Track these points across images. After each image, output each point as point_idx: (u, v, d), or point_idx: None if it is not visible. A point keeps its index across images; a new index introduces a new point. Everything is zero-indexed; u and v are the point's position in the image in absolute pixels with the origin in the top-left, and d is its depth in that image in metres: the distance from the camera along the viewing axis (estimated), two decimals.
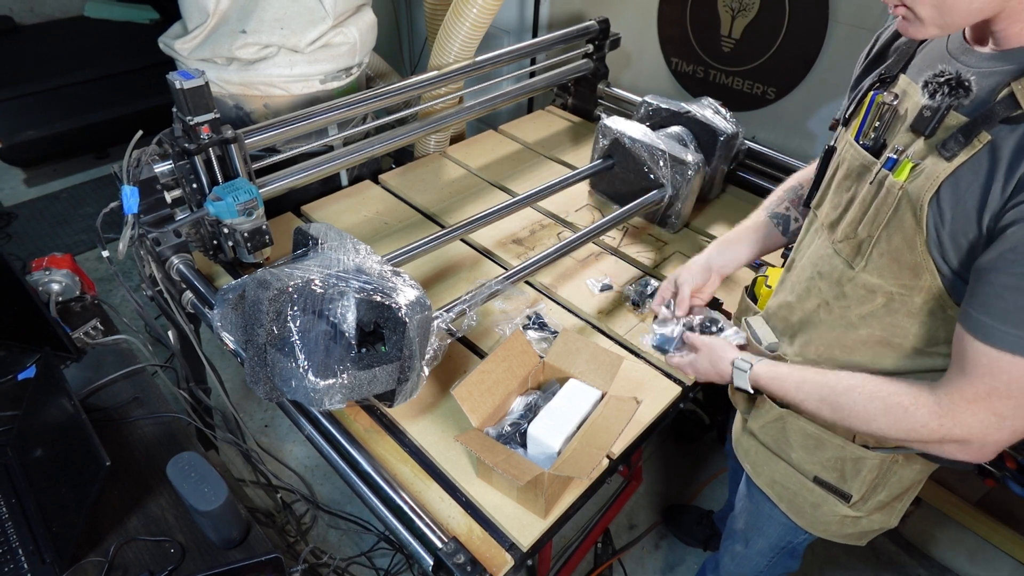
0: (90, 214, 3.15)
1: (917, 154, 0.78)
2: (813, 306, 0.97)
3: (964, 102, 0.74)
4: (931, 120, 0.76)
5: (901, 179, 0.78)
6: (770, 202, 1.24)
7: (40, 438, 1.19)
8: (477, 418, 1.09)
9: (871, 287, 0.86)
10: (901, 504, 1.05)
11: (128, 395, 1.36)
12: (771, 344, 1.06)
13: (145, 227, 1.34)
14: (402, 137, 1.73)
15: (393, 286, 1.06)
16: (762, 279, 1.21)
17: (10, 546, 1.09)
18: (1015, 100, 0.69)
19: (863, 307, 0.89)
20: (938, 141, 0.75)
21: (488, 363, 1.14)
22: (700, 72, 2.26)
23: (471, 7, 1.80)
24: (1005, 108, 0.69)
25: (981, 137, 0.71)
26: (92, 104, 3.25)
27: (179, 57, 1.74)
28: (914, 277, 0.81)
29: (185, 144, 1.29)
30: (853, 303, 0.90)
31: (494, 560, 1.00)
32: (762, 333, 1.08)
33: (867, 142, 0.86)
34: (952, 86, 0.75)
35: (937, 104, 0.76)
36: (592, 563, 1.84)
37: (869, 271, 0.86)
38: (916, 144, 0.79)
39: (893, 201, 0.79)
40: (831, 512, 1.06)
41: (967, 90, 0.74)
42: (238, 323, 1.06)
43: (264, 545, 1.14)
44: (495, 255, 1.63)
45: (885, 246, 0.82)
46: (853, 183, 0.88)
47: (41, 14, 3.84)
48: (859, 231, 0.85)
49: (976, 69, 0.75)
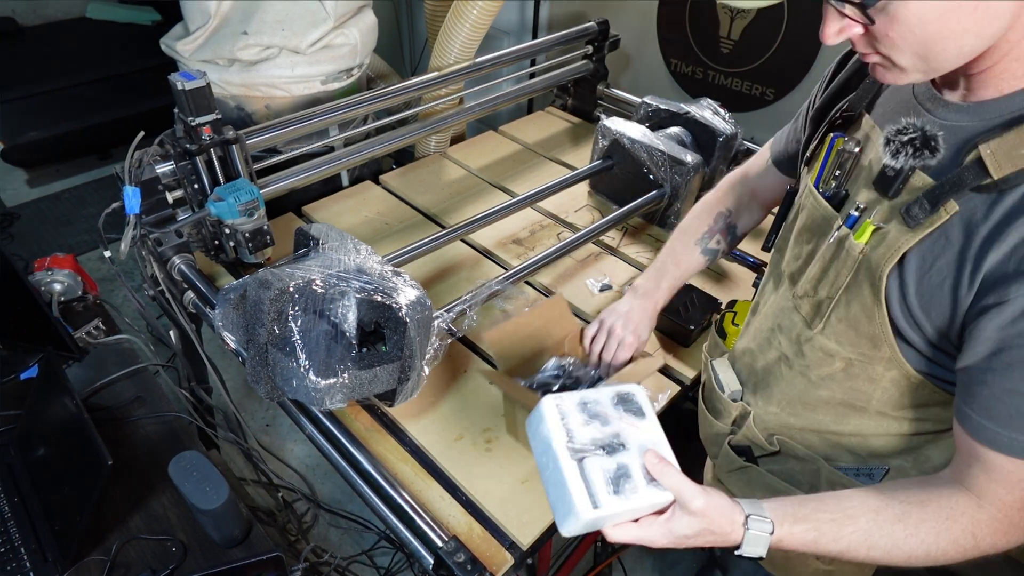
0: (92, 215, 3.16)
1: (880, 215, 0.71)
2: (774, 359, 0.91)
3: (930, 163, 0.66)
4: (894, 180, 0.69)
5: (862, 242, 0.71)
6: (699, 231, 1.16)
7: (43, 437, 1.20)
8: (505, 364, 1.08)
9: (829, 351, 0.81)
10: None
11: (130, 394, 1.36)
12: (734, 393, 1.02)
13: (147, 227, 1.35)
14: (403, 138, 1.74)
15: (394, 286, 1.06)
16: (730, 315, 1.19)
17: (13, 544, 1.10)
18: (984, 166, 0.61)
19: (822, 369, 0.83)
20: (902, 204, 0.68)
21: (524, 317, 1.13)
22: (699, 73, 2.26)
23: (471, 8, 1.80)
24: (974, 175, 0.62)
25: (948, 207, 0.63)
26: (94, 105, 3.26)
27: (181, 58, 1.75)
28: (872, 347, 0.75)
29: (187, 145, 1.29)
30: (812, 364, 0.84)
31: (494, 559, 1.01)
32: (726, 379, 1.03)
33: (827, 191, 0.80)
34: (916, 146, 0.66)
35: (900, 165, 0.68)
36: (592, 562, 1.84)
37: (827, 335, 0.80)
38: (879, 204, 0.72)
39: (853, 265, 0.73)
40: (802, 564, 1.01)
41: (933, 150, 0.66)
42: (239, 323, 1.07)
43: (265, 544, 1.14)
44: (495, 255, 1.63)
45: (844, 312, 0.76)
46: (813, 236, 0.82)
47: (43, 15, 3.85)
48: (819, 290, 0.79)
49: (943, 122, 0.67)
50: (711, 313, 1.38)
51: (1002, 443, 0.63)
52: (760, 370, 0.96)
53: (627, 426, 0.75)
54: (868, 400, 0.81)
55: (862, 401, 0.82)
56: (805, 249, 0.84)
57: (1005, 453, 0.64)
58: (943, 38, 0.58)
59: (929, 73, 0.63)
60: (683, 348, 1.38)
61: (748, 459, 1.01)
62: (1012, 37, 0.59)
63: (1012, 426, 0.62)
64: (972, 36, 0.58)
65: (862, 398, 0.81)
